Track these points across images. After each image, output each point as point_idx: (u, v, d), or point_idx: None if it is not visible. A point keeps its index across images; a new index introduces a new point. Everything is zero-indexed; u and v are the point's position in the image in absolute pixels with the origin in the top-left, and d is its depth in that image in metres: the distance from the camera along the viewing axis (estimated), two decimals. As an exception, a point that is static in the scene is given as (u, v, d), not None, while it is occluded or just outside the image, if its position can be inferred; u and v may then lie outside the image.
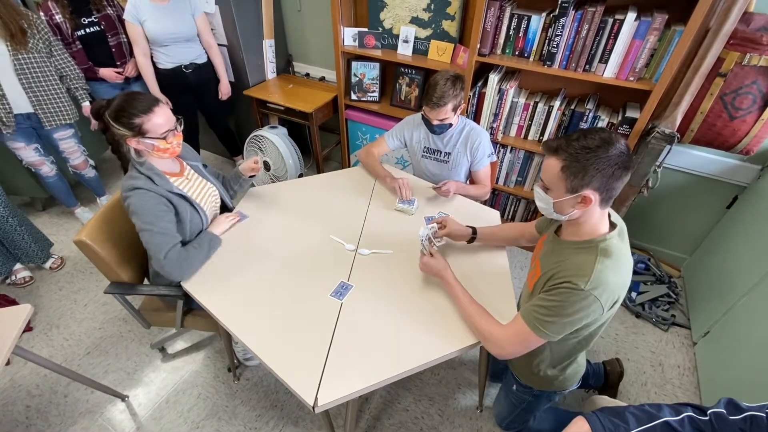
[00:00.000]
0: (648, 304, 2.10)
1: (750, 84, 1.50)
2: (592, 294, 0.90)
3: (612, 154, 0.87)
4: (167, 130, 1.26)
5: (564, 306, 0.93)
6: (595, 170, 0.88)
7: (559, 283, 0.94)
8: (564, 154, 0.90)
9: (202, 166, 1.56)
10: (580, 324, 0.96)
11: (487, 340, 1.09)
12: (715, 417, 0.79)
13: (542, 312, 0.97)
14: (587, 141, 0.88)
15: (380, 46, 2.27)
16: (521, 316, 1.02)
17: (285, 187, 1.78)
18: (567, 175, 0.91)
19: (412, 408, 1.70)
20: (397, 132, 1.83)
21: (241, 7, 2.38)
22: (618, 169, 0.88)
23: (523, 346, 1.03)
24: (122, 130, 1.23)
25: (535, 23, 1.76)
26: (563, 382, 1.22)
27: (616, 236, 0.98)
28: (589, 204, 0.92)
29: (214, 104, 2.65)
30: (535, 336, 0.99)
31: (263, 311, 1.23)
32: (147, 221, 1.25)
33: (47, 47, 2.02)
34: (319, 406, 1.00)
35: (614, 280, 0.93)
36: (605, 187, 0.90)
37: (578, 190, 0.91)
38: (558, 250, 1.04)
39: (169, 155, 1.32)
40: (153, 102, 1.25)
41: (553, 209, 0.98)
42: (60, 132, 2.25)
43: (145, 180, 1.27)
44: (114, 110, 1.22)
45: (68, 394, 1.73)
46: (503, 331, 1.06)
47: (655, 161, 1.73)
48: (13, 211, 2.03)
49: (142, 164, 1.30)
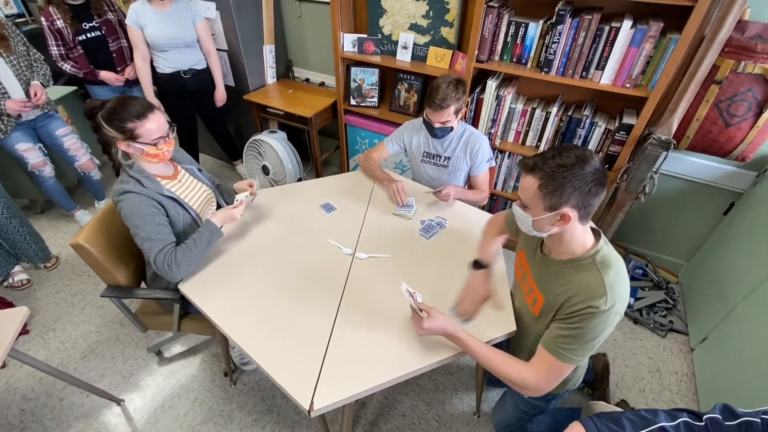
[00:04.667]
0: (646, 310, 2.10)
1: (745, 91, 1.51)
2: (613, 311, 0.92)
3: (587, 171, 0.87)
4: (159, 136, 1.27)
5: (589, 331, 0.94)
6: (572, 188, 0.88)
7: (579, 310, 0.94)
8: (540, 173, 0.90)
9: (197, 169, 1.56)
10: (604, 339, 0.97)
11: (523, 388, 1.04)
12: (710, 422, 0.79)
13: (568, 342, 0.97)
14: (563, 159, 0.88)
15: (379, 52, 2.29)
16: (547, 351, 1.00)
17: (284, 191, 1.79)
18: (544, 193, 0.91)
19: (409, 413, 1.70)
20: (397, 137, 1.84)
21: (241, 13, 2.40)
22: (594, 185, 0.89)
23: (558, 378, 1.02)
24: (113, 132, 1.23)
25: (532, 30, 1.78)
26: (575, 381, 1.23)
27: (604, 243, 0.99)
28: (568, 222, 0.92)
29: (214, 109, 2.66)
30: (567, 366, 0.99)
31: (260, 315, 1.23)
32: (138, 225, 1.25)
33: (25, 46, 2.08)
34: (314, 410, 1.00)
35: (623, 287, 0.94)
36: (582, 204, 0.90)
37: (557, 208, 0.91)
38: (554, 271, 1.04)
39: (158, 161, 1.32)
40: (148, 108, 1.25)
41: (532, 227, 0.98)
42: (61, 128, 2.27)
43: (134, 183, 1.27)
44: (107, 112, 1.23)
45: (64, 398, 1.72)
46: (536, 373, 1.02)
47: (651, 167, 1.74)
48: (14, 213, 2.04)
49: (131, 167, 1.30)
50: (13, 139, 2.11)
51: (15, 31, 2.06)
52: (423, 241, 1.53)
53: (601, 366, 1.73)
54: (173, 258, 1.27)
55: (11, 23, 2.09)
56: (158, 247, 1.26)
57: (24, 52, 2.06)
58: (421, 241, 1.53)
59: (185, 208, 1.39)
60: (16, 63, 2.00)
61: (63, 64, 2.25)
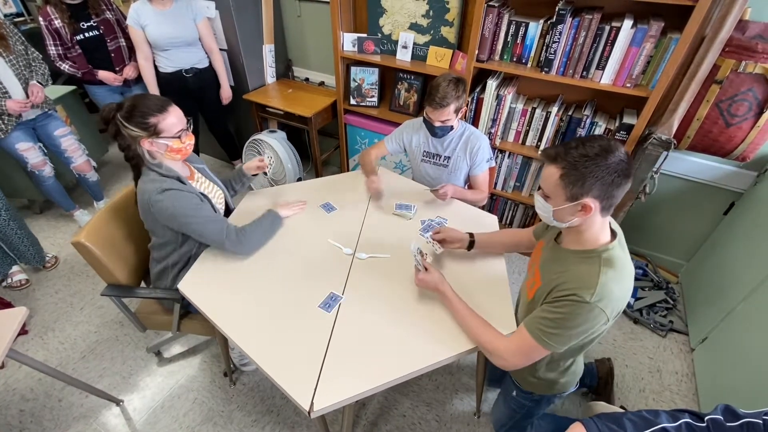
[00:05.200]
0: (646, 310, 2.09)
1: (746, 91, 1.51)
2: (598, 306, 0.90)
3: (611, 162, 0.87)
4: (181, 129, 1.26)
5: (569, 318, 0.93)
6: (594, 178, 0.87)
7: (564, 296, 0.93)
8: (563, 162, 0.90)
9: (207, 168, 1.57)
10: (585, 335, 0.95)
11: (491, 353, 1.08)
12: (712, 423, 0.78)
13: (547, 324, 0.96)
14: (586, 149, 0.88)
15: (379, 52, 2.29)
16: (525, 328, 1.01)
17: (283, 191, 1.79)
18: (566, 183, 0.90)
19: (409, 413, 1.69)
20: (397, 136, 1.84)
21: (241, 12, 2.40)
22: (618, 176, 0.88)
23: (527, 358, 1.02)
24: (136, 130, 1.21)
25: (532, 30, 1.77)
26: (564, 385, 1.21)
27: (618, 245, 0.98)
28: (590, 212, 0.91)
29: (215, 108, 2.66)
30: (539, 348, 0.98)
31: (260, 315, 1.23)
32: (191, 215, 1.27)
33: (23, 45, 2.08)
34: (314, 411, 1.00)
35: (618, 291, 0.92)
36: (605, 195, 0.89)
37: (578, 198, 0.90)
38: (559, 258, 1.04)
39: (181, 156, 1.31)
40: (166, 101, 1.25)
41: (553, 217, 0.97)
42: (59, 129, 2.27)
43: (173, 181, 1.27)
44: (127, 110, 1.21)
45: (63, 399, 1.72)
46: (507, 344, 1.05)
47: (652, 167, 1.74)
48: (13, 215, 2.04)
49: (161, 166, 1.29)
50: (14, 138, 2.10)
51: (13, 30, 2.05)
52: (423, 242, 1.52)
53: (605, 371, 1.70)
54: (244, 231, 1.36)
55: (10, 22, 2.09)
56: (224, 225, 1.32)
57: (22, 52, 2.05)
58: (420, 241, 1.52)
59: (213, 207, 1.40)
60: (16, 62, 2.00)
61: (61, 63, 2.24)
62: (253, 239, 1.40)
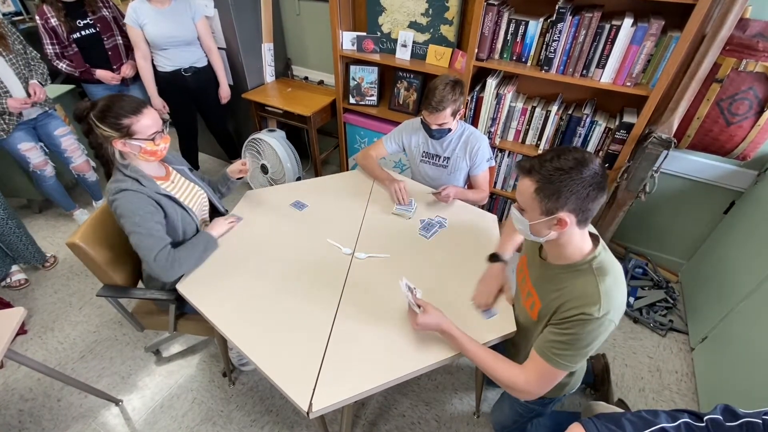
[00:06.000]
0: (646, 309, 2.09)
1: (746, 90, 1.50)
2: (607, 318, 0.90)
3: (586, 176, 0.85)
4: (155, 131, 1.26)
5: (581, 338, 0.92)
6: (569, 192, 0.86)
7: (572, 316, 0.92)
8: (537, 176, 0.88)
9: (188, 170, 1.55)
10: (598, 346, 0.95)
11: (511, 388, 1.04)
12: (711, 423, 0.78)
13: (560, 347, 0.95)
14: (561, 162, 0.86)
15: (379, 51, 2.28)
16: (539, 355, 0.99)
17: (282, 190, 1.78)
18: (541, 197, 0.89)
19: (408, 413, 1.69)
20: (395, 136, 1.83)
21: (240, 11, 2.39)
22: (593, 190, 0.86)
23: (549, 384, 1.01)
24: (108, 131, 1.21)
25: (532, 28, 1.77)
26: (573, 385, 1.22)
27: (603, 250, 0.97)
28: (565, 226, 0.90)
29: (214, 107, 2.65)
30: (559, 372, 0.97)
31: (258, 315, 1.22)
32: (135, 222, 1.23)
33: (21, 45, 2.07)
34: (313, 411, 0.99)
35: (619, 295, 0.93)
36: (580, 208, 0.88)
37: (553, 213, 0.89)
38: (551, 276, 1.03)
39: (155, 158, 1.30)
40: (141, 103, 1.25)
41: (530, 231, 0.97)
42: (59, 128, 2.27)
43: (131, 182, 1.26)
44: (100, 110, 1.21)
45: (62, 399, 1.72)
46: (526, 377, 1.02)
47: (652, 166, 1.73)
48: (11, 214, 2.03)
49: (127, 167, 1.28)
50: (16, 138, 2.10)
51: (12, 29, 2.04)
52: (423, 241, 1.52)
53: (600, 368, 1.72)
54: (174, 257, 1.28)
55: (8, 21, 2.08)
56: (159, 245, 1.26)
57: (21, 51, 2.05)
58: (421, 241, 1.52)
59: (183, 207, 1.38)
60: (15, 61, 1.99)
61: (59, 62, 2.24)
62: (184, 265, 1.31)
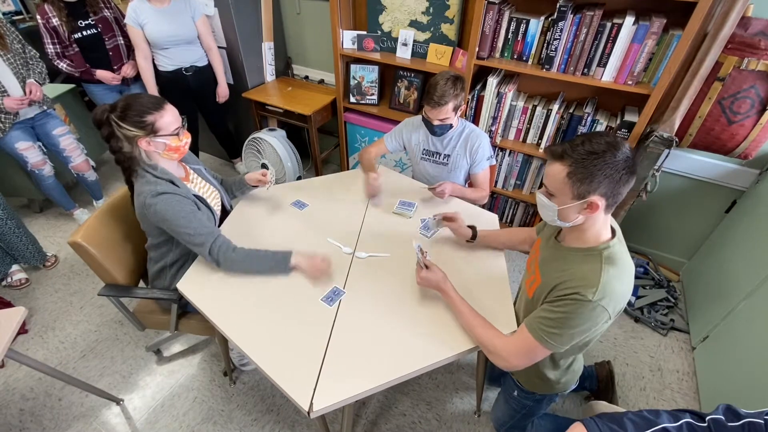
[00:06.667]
0: (647, 309, 2.09)
1: (748, 88, 1.50)
2: (600, 305, 0.89)
3: (619, 159, 0.86)
4: (177, 126, 1.25)
5: (571, 318, 0.92)
6: (602, 176, 0.86)
7: (566, 294, 0.92)
8: (569, 160, 0.88)
9: (204, 169, 1.55)
10: (587, 334, 0.95)
11: (492, 353, 1.06)
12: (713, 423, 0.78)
13: (548, 324, 0.95)
14: (593, 145, 0.86)
15: (379, 49, 2.28)
16: (527, 328, 1.00)
17: (283, 189, 1.78)
18: (573, 181, 0.89)
19: (409, 412, 1.69)
20: (396, 134, 1.83)
21: (240, 10, 2.39)
22: (625, 173, 0.87)
23: (528, 358, 1.01)
24: (133, 130, 1.19)
25: (533, 27, 1.76)
26: (565, 384, 1.21)
27: (618, 243, 0.97)
28: (596, 210, 0.90)
29: (214, 107, 2.65)
30: (541, 348, 0.97)
31: (259, 315, 1.22)
32: (182, 223, 1.23)
33: (20, 44, 2.07)
34: (314, 411, 0.99)
35: (620, 288, 0.92)
36: (612, 192, 0.89)
37: (585, 196, 0.89)
38: (560, 257, 1.03)
39: (179, 155, 1.29)
40: (161, 99, 1.24)
41: (557, 216, 0.96)
42: (58, 128, 2.26)
43: (167, 184, 1.25)
44: (122, 110, 1.18)
45: (63, 398, 1.72)
46: (508, 344, 1.04)
47: (653, 165, 1.73)
48: (11, 214, 2.03)
49: (156, 168, 1.26)
50: (13, 138, 2.10)
51: (10, 28, 2.04)
52: (423, 240, 1.52)
53: (605, 374, 1.69)
54: (235, 252, 1.28)
55: (8, 21, 2.08)
56: (211, 239, 1.26)
57: (19, 50, 2.04)
58: (421, 240, 1.52)
59: (209, 208, 1.39)
60: (13, 60, 1.99)
61: (59, 62, 2.23)
62: (244, 264, 1.30)
